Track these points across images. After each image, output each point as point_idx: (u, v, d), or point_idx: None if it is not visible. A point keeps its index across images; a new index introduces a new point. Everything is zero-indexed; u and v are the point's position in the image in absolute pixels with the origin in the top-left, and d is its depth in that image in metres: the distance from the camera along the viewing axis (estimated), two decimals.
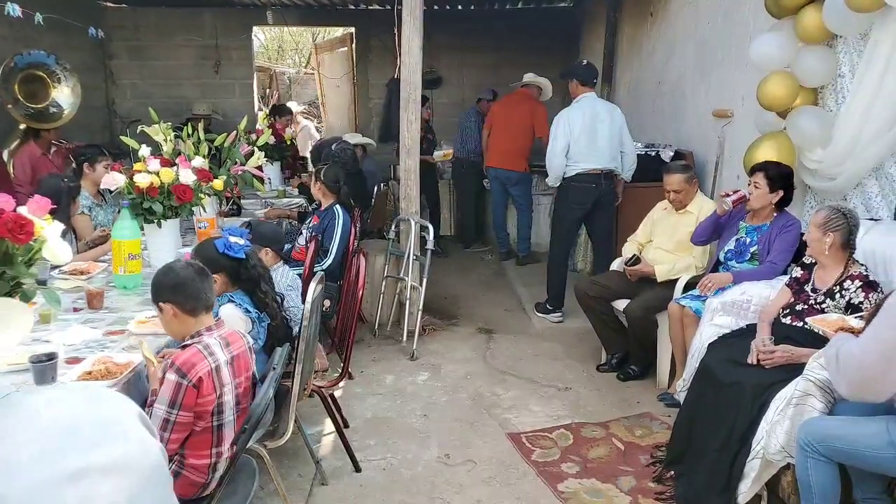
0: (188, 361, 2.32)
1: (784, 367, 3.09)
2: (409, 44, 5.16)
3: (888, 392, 2.42)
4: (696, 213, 4.49)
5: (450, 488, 3.40)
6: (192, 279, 2.47)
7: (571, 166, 5.42)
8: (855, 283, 3.18)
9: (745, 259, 4.09)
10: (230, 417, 2.44)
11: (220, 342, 2.45)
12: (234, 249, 3.01)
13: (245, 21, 9.71)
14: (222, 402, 2.40)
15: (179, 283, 2.46)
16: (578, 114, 5.41)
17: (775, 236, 3.97)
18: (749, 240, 4.10)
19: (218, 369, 2.38)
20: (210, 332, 2.47)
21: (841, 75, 3.92)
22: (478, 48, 9.65)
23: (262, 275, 3.17)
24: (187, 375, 2.29)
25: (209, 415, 2.36)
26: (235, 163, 4.94)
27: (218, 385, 2.37)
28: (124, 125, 8.65)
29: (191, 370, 2.30)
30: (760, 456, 2.95)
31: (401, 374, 4.72)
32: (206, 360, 2.35)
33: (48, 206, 2.71)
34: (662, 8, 6.50)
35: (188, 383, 2.29)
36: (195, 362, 2.32)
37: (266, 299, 3.13)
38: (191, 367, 2.31)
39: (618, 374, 4.65)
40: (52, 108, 6.47)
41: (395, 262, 5.57)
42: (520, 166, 7.17)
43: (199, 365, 2.32)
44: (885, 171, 3.70)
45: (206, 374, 2.33)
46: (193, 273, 2.49)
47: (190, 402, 2.30)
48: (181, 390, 2.28)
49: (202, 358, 2.35)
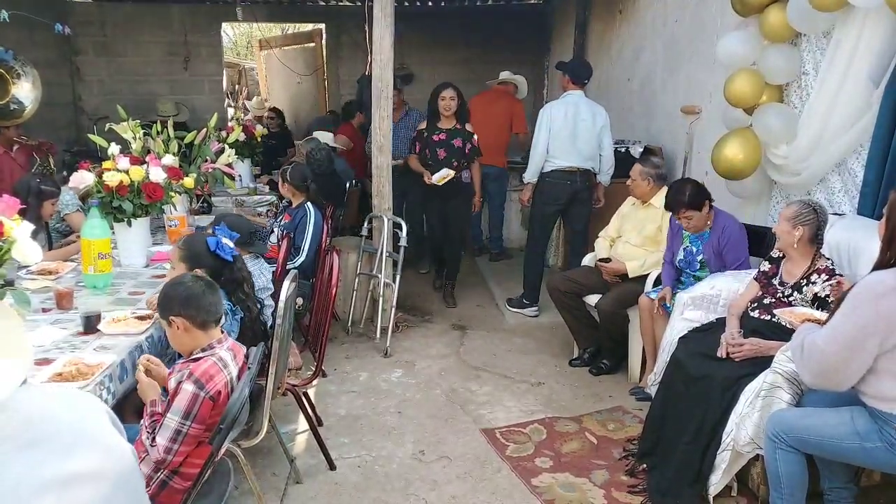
0: (207, 373, 2.30)
1: (753, 360, 3.15)
2: (380, 41, 5.15)
3: (850, 381, 2.49)
4: (658, 206, 4.54)
5: (424, 485, 3.41)
6: (202, 293, 2.44)
7: (549, 162, 5.49)
8: (821, 277, 3.24)
9: (696, 268, 4.17)
10: None
11: (230, 354, 2.45)
12: (225, 251, 3.01)
13: (214, 17, 9.60)
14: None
15: (191, 297, 2.43)
16: (561, 110, 5.48)
17: (721, 244, 4.05)
18: (695, 249, 4.18)
19: (231, 382, 2.38)
20: (221, 344, 2.46)
21: (805, 73, 4.00)
22: (449, 45, 9.64)
23: (246, 278, 3.16)
24: (206, 387, 2.27)
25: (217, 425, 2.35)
26: (206, 160, 4.90)
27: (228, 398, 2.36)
28: (91, 122, 8.52)
29: (209, 382, 2.28)
30: (730, 448, 3.01)
31: (374, 371, 4.73)
32: (223, 373, 2.34)
33: (17, 206, 2.68)
34: (631, 6, 6.56)
35: (206, 395, 2.26)
36: (213, 374, 2.31)
37: (247, 301, 3.12)
38: (209, 378, 2.29)
39: (590, 368, 4.69)
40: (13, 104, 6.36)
41: (368, 259, 5.57)
42: (498, 161, 7.18)
43: (218, 377, 2.31)
44: (848, 167, 3.78)
45: (223, 386, 2.32)
46: (204, 287, 2.47)
47: (204, 414, 2.27)
48: (198, 402, 2.25)
49: (219, 370, 2.34)
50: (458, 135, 5.81)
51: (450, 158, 5.77)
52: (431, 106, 5.79)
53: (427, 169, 5.78)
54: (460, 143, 5.79)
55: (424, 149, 5.84)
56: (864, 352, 2.39)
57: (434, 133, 5.82)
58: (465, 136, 5.82)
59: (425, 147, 5.83)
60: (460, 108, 5.78)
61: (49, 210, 4.39)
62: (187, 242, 3.08)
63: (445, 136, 5.79)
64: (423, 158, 5.85)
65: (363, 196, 6.77)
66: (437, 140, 5.79)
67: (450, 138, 5.80)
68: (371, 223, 5.55)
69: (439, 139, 5.79)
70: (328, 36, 10.00)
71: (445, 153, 5.77)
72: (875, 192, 3.49)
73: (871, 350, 2.39)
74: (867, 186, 3.54)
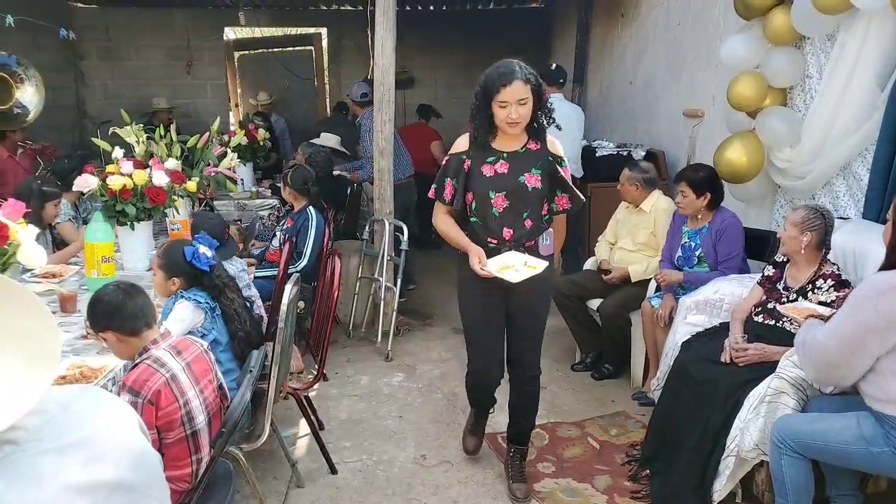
0: (138, 379, 2.27)
1: (757, 365, 3.13)
2: (381, 44, 5.15)
3: (852, 378, 2.51)
4: (650, 211, 4.54)
5: (426, 489, 3.40)
6: (122, 302, 2.40)
7: None
8: (827, 282, 3.22)
9: (693, 263, 4.16)
10: (202, 422, 2.41)
11: (170, 352, 2.41)
12: (201, 261, 3.00)
13: (217, 21, 9.62)
14: (190, 410, 2.35)
15: (112, 310, 2.40)
16: None
17: (717, 238, 4.05)
18: (693, 244, 4.17)
19: (174, 378, 2.34)
20: (157, 344, 2.42)
21: (809, 76, 3.98)
22: (450, 48, 9.65)
23: (228, 284, 3.16)
24: (141, 393, 2.24)
25: (178, 424, 2.32)
26: (208, 164, 4.91)
27: (178, 394, 2.32)
28: (95, 126, 8.53)
29: (143, 387, 2.25)
30: (735, 454, 2.99)
31: (376, 375, 4.71)
32: (157, 374, 2.30)
33: (23, 210, 2.69)
34: (633, 9, 6.55)
35: (143, 400, 2.24)
36: (146, 378, 2.27)
37: (233, 306, 3.12)
38: (142, 383, 2.26)
39: (592, 373, 4.68)
40: (17, 108, 6.37)
41: (369, 263, 5.56)
42: None
43: (152, 380, 2.28)
44: (853, 171, 3.76)
45: (161, 385, 2.28)
46: (123, 296, 2.42)
47: (149, 419, 2.24)
48: (137, 409, 2.22)
49: (153, 372, 2.30)
50: (534, 162, 3.07)
51: (520, 212, 3.06)
52: (481, 113, 2.99)
53: (474, 234, 3.10)
54: (538, 179, 3.05)
55: (465, 193, 3.11)
56: (864, 349, 2.41)
57: (485, 159, 3.08)
58: (547, 164, 3.08)
59: (467, 189, 3.10)
60: (537, 113, 3.03)
61: (52, 212, 4.38)
62: (166, 250, 3.09)
63: (508, 168, 3.06)
64: (462, 214, 3.14)
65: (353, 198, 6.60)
66: (492, 175, 3.05)
67: (517, 169, 3.06)
68: (372, 227, 5.54)
69: (495, 173, 3.06)
70: (330, 40, 10.00)
71: (508, 201, 3.04)
72: (880, 195, 3.47)
73: (872, 348, 2.40)
74: (872, 190, 3.52)
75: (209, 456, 2.43)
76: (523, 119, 2.93)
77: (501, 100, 2.86)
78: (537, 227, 3.10)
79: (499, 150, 3.06)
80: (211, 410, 2.48)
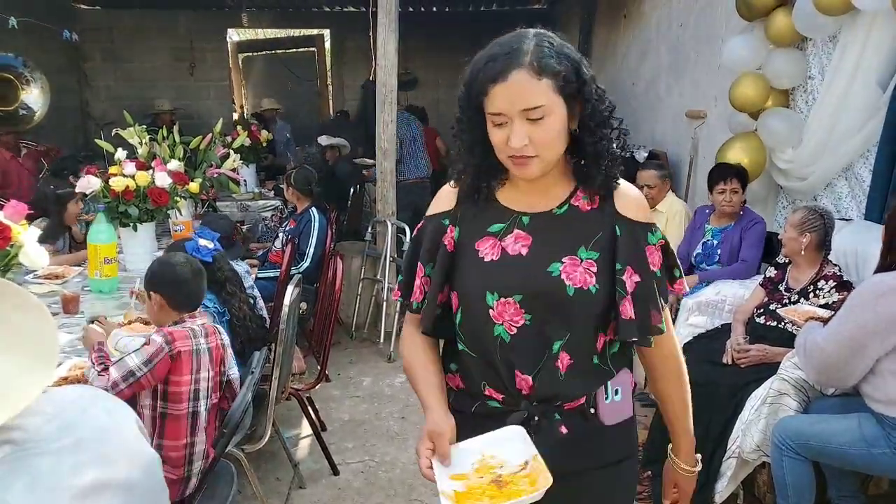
0: (176, 333, 2.38)
1: (759, 366, 3.12)
2: (384, 46, 5.16)
3: (852, 379, 2.52)
4: (665, 212, 4.53)
5: (427, 490, 3.40)
6: (188, 280, 2.52)
7: None
8: (829, 284, 3.22)
9: (714, 261, 4.13)
10: (204, 407, 2.46)
11: (202, 330, 2.49)
12: (203, 253, 3.03)
13: (220, 23, 9.65)
14: (199, 389, 2.43)
15: (176, 282, 2.50)
16: None
17: (740, 235, 4.02)
18: (715, 242, 4.15)
19: (198, 352, 2.43)
20: (193, 318, 2.52)
21: (811, 77, 3.98)
22: (453, 49, 9.60)
23: (229, 277, 3.19)
24: (171, 344, 2.34)
25: (186, 398, 2.40)
26: (211, 165, 4.92)
27: (195, 368, 2.41)
28: (98, 127, 8.55)
29: (175, 342, 2.36)
30: (736, 455, 2.98)
31: (378, 376, 4.72)
32: (190, 340, 2.40)
33: (25, 211, 2.70)
34: (636, 10, 6.55)
35: (168, 352, 2.34)
36: (180, 337, 2.38)
37: (232, 300, 3.13)
38: (176, 339, 2.36)
39: None
40: (22, 110, 6.39)
41: (371, 264, 5.57)
42: None
43: (183, 341, 2.38)
44: (855, 172, 3.75)
45: (186, 351, 2.38)
46: (190, 274, 2.53)
47: (161, 372, 2.34)
48: (160, 354, 2.32)
49: (188, 337, 2.40)
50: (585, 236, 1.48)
51: (548, 338, 1.47)
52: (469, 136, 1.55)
53: (466, 377, 1.57)
54: (590, 271, 1.46)
55: (447, 290, 1.55)
56: (864, 351, 2.41)
57: (484, 229, 1.53)
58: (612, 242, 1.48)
59: (450, 285, 1.55)
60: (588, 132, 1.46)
61: (74, 210, 4.45)
62: (169, 249, 3.15)
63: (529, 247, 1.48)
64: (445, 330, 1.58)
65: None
66: (496, 259, 1.49)
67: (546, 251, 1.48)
68: (375, 228, 5.55)
69: (501, 255, 1.49)
70: (333, 41, 10.02)
71: (528, 314, 1.46)
72: (882, 196, 3.46)
73: (872, 349, 2.40)
74: (874, 191, 3.51)
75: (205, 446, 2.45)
76: (542, 148, 1.41)
77: (492, 110, 1.45)
78: (586, 370, 1.52)
79: (511, 210, 1.53)
80: (212, 402, 2.53)
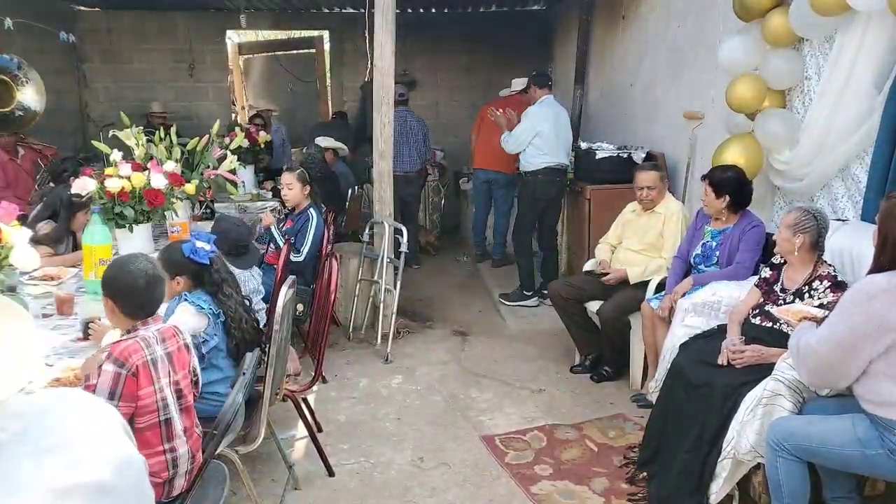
0: (126, 350, 2.27)
1: (754, 367, 3.12)
2: (381, 47, 5.15)
3: (845, 380, 2.52)
4: (663, 213, 4.53)
5: (423, 492, 3.40)
6: (141, 289, 2.41)
7: (540, 158, 5.94)
8: (823, 284, 3.21)
9: (712, 263, 4.12)
10: (174, 412, 2.40)
11: (156, 336, 2.41)
12: (200, 255, 3.02)
13: (218, 25, 9.64)
14: (165, 397, 2.36)
15: (129, 290, 2.41)
16: (548, 111, 6.06)
17: (738, 237, 4.02)
18: (714, 243, 4.14)
19: (154, 362, 2.34)
20: (146, 325, 2.43)
21: (808, 78, 3.98)
22: (451, 51, 9.66)
23: (226, 279, 3.16)
24: (126, 364, 2.25)
25: (154, 408, 2.32)
26: (208, 166, 4.91)
27: (154, 378, 2.33)
28: (97, 129, 8.54)
29: (128, 359, 2.26)
30: (731, 456, 2.98)
31: (375, 377, 4.71)
32: (142, 351, 2.31)
33: (16, 212, 2.70)
34: (634, 11, 6.55)
35: (127, 372, 2.24)
36: (132, 351, 2.28)
37: (228, 301, 3.12)
38: (128, 355, 2.26)
39: (591, 375, 4.67)
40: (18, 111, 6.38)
41: (368, 265, 5.57)
42: (507, 168, 7.17)
43: (136, 355, 2.29)
44: (851, 173, 3.75)
45: (142, 364, 2.29)
46: (144, 282, 2.42)
47: (131, 392, 2.25)
48: (120, 380, 2.23)
49: (139, 348, 2.31)
50: None
51: None
52: None
53: None
54: None
55: None
56: (857, 353, 2.42)
57: None
58: None
59: None
60: None
61: (82, 220, 4.39)
62: (167, 250, 3.12)
63: None
64: None
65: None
66: None
67: None
68: (372, 229, 5.55)
69: None
70: (332, 42, 10.02)
71: None
72: (878, 197, 3.44)
73: (865, 351, 2.40)
74: (870, 192, 3.51)
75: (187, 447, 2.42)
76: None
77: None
78: None
79: None
80: (185, 405, 2.47)
